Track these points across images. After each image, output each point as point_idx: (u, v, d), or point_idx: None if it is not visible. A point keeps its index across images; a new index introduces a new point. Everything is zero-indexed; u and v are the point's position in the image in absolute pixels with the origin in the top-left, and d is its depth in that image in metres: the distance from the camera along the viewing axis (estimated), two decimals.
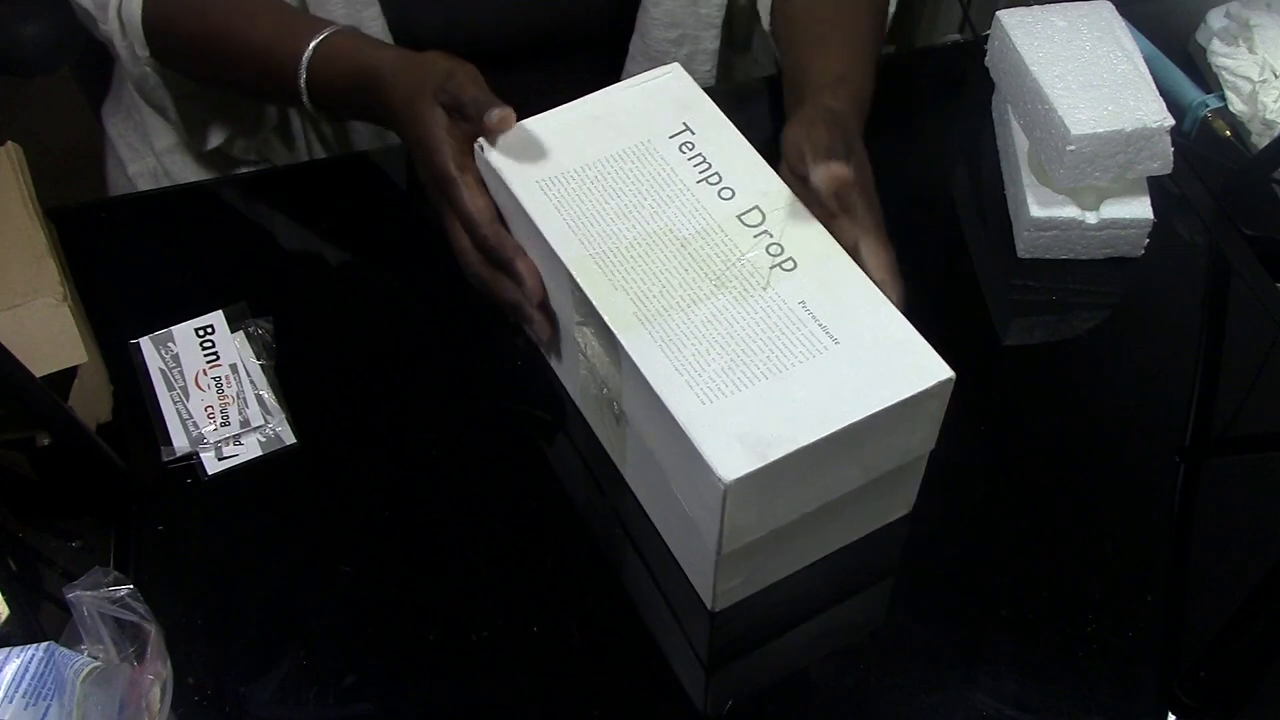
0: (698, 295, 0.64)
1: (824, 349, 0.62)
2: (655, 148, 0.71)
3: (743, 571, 0.66)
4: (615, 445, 0.72)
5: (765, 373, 0.61)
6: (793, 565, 0.69)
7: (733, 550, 0.63)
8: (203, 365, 0.78)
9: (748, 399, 0.60)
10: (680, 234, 0.67)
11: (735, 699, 0.65)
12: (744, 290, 0.64)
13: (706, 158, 0.71)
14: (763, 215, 0.68)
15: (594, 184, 0.70)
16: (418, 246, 0.88)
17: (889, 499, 0.70)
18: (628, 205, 0.68)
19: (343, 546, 0.71)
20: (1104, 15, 0.88)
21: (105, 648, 0.61)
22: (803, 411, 0.60)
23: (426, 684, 0.66)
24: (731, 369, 0.61)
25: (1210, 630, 0.68)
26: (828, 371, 0.61)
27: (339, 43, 0.78)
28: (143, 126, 0.97)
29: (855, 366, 0.61)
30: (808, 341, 0.62)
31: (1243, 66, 0.97)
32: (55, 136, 1.78)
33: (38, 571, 0.71)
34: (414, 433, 0.76)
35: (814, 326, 0.63)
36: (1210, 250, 0.88)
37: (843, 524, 0.69)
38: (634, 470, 0.71)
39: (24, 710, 0.56)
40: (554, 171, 0.70)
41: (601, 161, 0.71)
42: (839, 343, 0.62)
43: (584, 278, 0.65)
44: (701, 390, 0.60)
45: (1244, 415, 0.79)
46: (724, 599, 0.67)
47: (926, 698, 0.65)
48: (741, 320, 0.63)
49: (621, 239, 0.67)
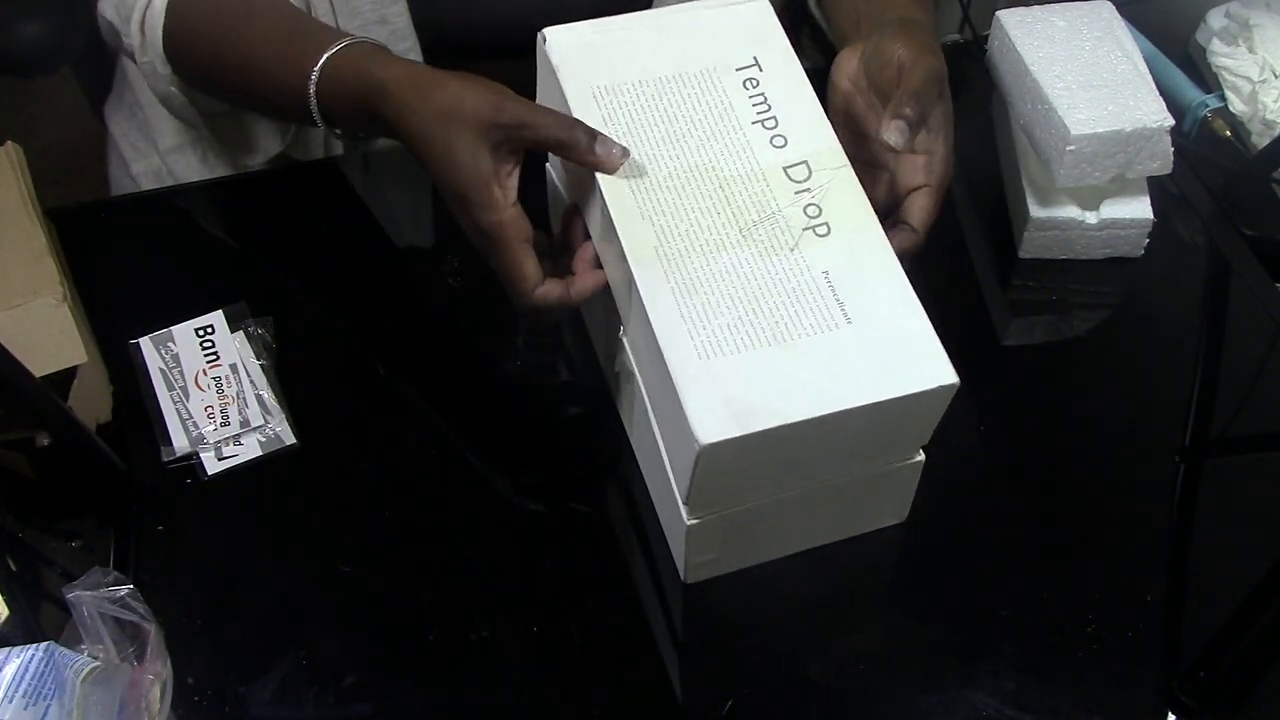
0: (723, 242, 0.63)
1: (834, 326, 0.61)
2: (719, 77, 0.69)
3: (715, 546, 0.66)
4: (625, 402, 0.72)
5: (770, 339, 0.60)
6: (773, 552, 0.69)
7: (705, 520, 0.63)
8: (203, 365, 0.78)
9: (745, 362, 0.59)
10: (722, 173, 0.65)
11: (735, 699, 0.65)
12: (770, 247, 0.63)
13: (768, 99, 0.68)
14: (809, 172, 0.66)
15: (648, 103, 0.67)
16: (418, 246, 0.88)
17: (879, 503, 0.70)
18: (676, 132, 0.66)
19: (343, 546, 0.71)
20: (1104, 15, 0.88)
21: (105, 648, 0.61)
22: (797, 387, 0.59)
23: (426, 684, 0.66)
24: (736, 327, 0.60)
25: (1210, 630, 0.67)
26: (832, 351, 0.60)
27: (343, 62, 0.73)
28: (146, 126, 0.97)
29: (861, 351, 0.60)
30: (820, 315, 0.61)
31: (1243, 66, 0.97)
32: (55, 136, 1.78)
33: (38, 571, 0.71)
34: (414, 433, 0.76)
35: (830, 300, 0.62)
36: (1210, 250, 0.88)
37: (826, 519, 0.69)
38: (636, 431, 0.71)
39: (24, 710, 0.56)
40: (611, 80, 0.68)
41: (661, 80, 0.68)
42: (851, 323, 0.61)
43: (614, 200, 0.64)
44: (701, 343, 0.60)
45: (1244, 415, 0.79)
46: (696, 572, 0.67)
47: (926, 698, 0.65)
48: (760, 278, 0.62)
49: (662, 166, 0.65)
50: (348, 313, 0.83)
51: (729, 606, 0.69)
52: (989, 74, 0.92)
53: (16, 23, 0.96)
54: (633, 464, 0.73)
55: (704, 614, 0.69)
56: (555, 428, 0.78)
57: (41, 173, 0.82)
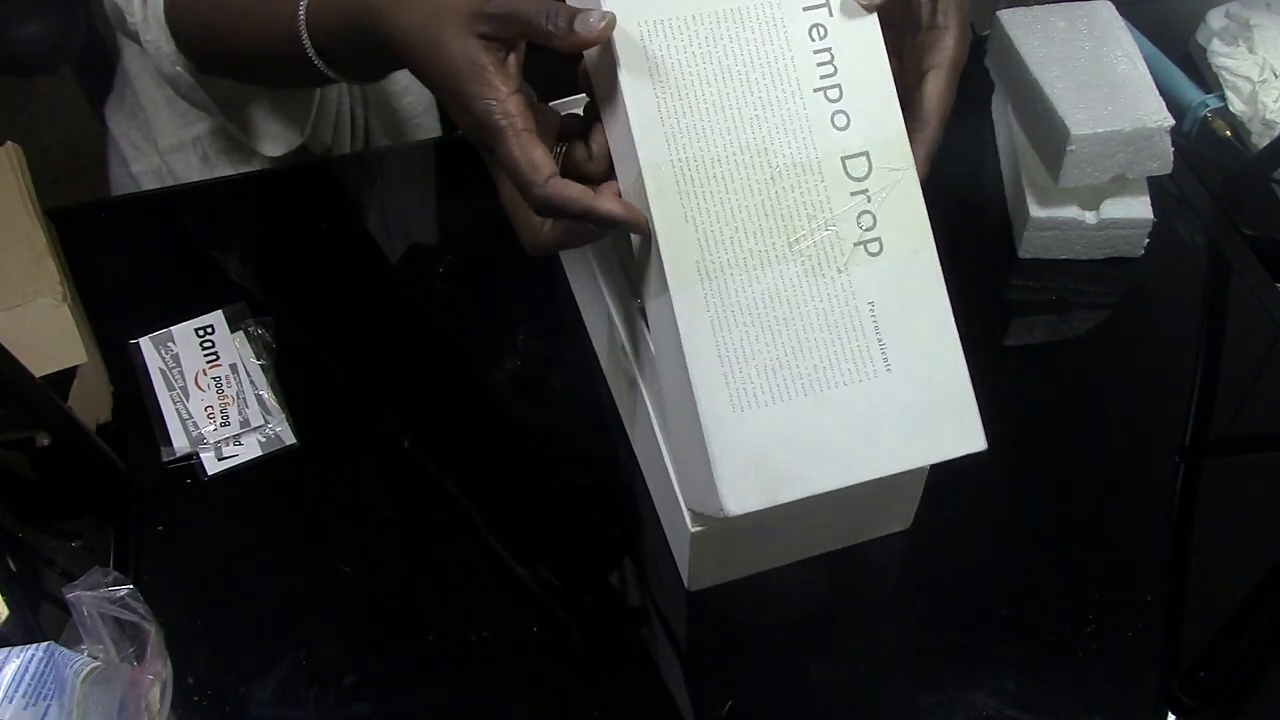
0: (769, 256, 0.59)
1: (873, 375, 0.59)
2: (783, 19, 0.60)
3: (719, 554, 0.66)
4: (627, 408, 0.72)
5: (805, 388, 0.58)
6: (777, 559, 0.69)
7: (710, 529, 0.63)
8: (203, 365, 0.78)
9: (778, 416, 0.58)
10: (776, 159, 0.60)
11: (735, 699, 0.65)
12: (818, 265, 0.59)
13: (834, 56, 0.61)
14: (869, 167, 0.60)
15: (701, 49, 0.60)
16: (418, 246, 0.88)
17: (884, 511, 0.70)
18: (730, 95, 0.60)
19: (343, 546, 0.71)
20: (1104, 15, 0.88)
21: (105, 648, 0.61)
22: (829, 451, 0.58)
23: (426, 684, 0.66)
24: (774, 371, 0.58)
25: (1210, 630, 0.67)
26: (869, 404, 0.58)
27: None
28: (146, 125, 0.97)
29: (896, 408, 0.58)
30: (859, 360, 0.59)
31: (1243, 66, 0.97)
32: (55, 136, 1.78)
33: (38, 571, 0.71)
34: (414, 433, 0.76)
35: (872, 340, 0.59)
36: (1210, 250, 0.88)
37: (832, 527, 0.69)
38: (640, 438, 0.71)
39: (24, 710, 0.56)
40: (664, 14, 0.59)
41: (719, 15, 0.60)
42: (890, 370, 0.59)
43: (657, 196, 0.58)
44: (737, 392, 0.57)
45: (1244, 415, 0.79)
46: (700, 580, 0.67)
47: (926, 698, 0.65)
48: (803, 306, 0.59)
49: (711, 143, 0.59)
50: (348, 313, 0.83)
51: (729, 607, 0.69)
52: (989, 74, 0.93)
53: (16, 23, 0.97)
54: (633, 461, 0.73)
55: (704, 614, 0.69)
56: (556, 427, 0.78)
57: (41, 173, 0.82)
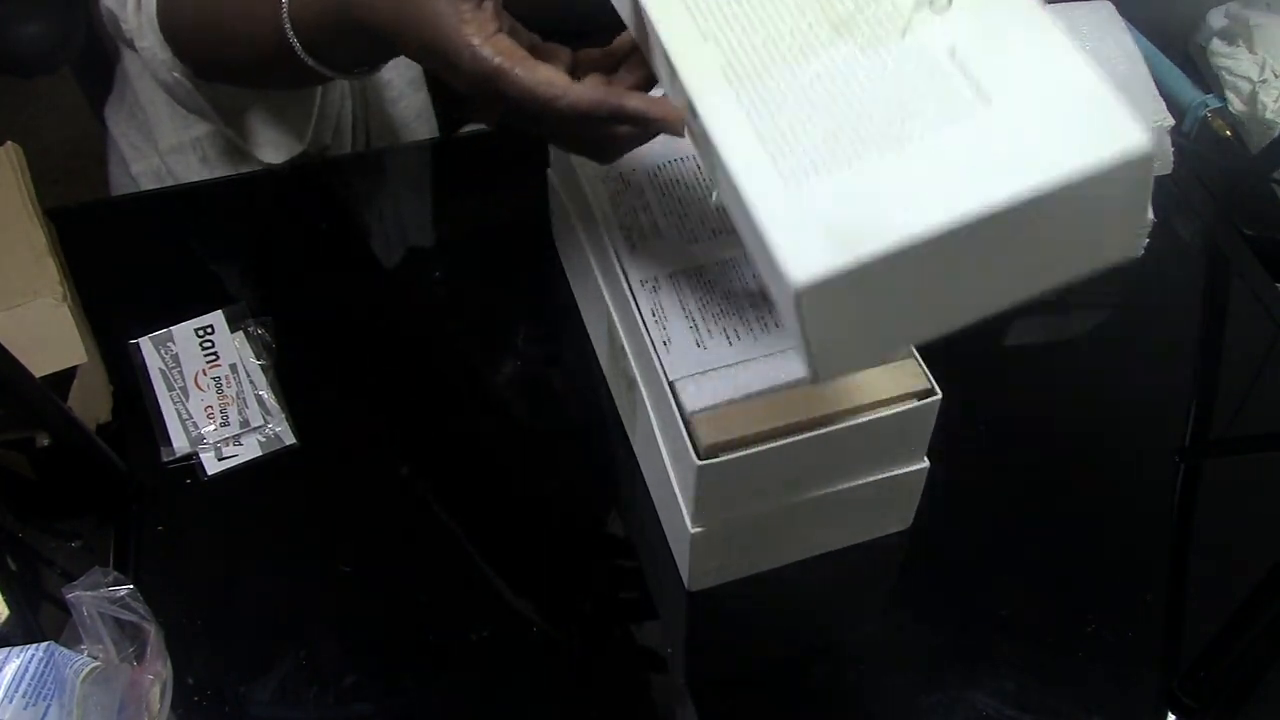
0: (810, 45, 0.50)
1: (968, 114, 0.46)
2: None
3: (719, 554, 0.66)
4: (627, 409, 0.71)
5: (879, 145, 0.46)
6: (777, 559, 0.69)
7: (709, 529, 0.62)
8: (202, 365, 0.78)
9: (848, 178, 0.46)
10: None
11: (735, 699, 0.65)
12: (874, 37, 0.49)
13: None
14: None
15: None
16: (418, 246, 0.88)
17: (883, 510, 0.69)
18: None
19: (343, 546, 0.71)
20: (1104, 15, 0.88)
21: (105, 648, 0.61)
22: (923, 192, 0.45)
23: (426, 684, 0.66)
24: (835, 138, 0.47)
25: (1210, 630, 0.67)
26: (970, 143, 0.45)
27: None
28: (146, 126, 0.97)
29: (1008, 135, 0.45)
30: (947, 103, 0.47)
31: (1243, 66, 0.97)
32: (55, 136, 1.78)
33: (38, 571, 0.71)
34: (414, 433, 0.76)
35: (959, 81, 0.47)
36: (1210, 250, 0.88)
37: (831, 527, 0.69)
38: (640, 438, 0.70)
39: (24, 710, 0.56)
40: None
41: None
42: (990, 103, 0.46)
43: (664, 23, 0.52)
44: (789, 165, 0.47)
45: (1244, 415, 0.79)
46: (700, 580, 0.67)
47: (926, 698, 0.65)
48: (863, 76, 0.48)
49: None
50: (348, 313, 0.83)
51: (729, 607, 0.69)
52: None
53: (16, 23, 0.97)
54: (633, 462, 0.73)
55: (704, 614, 0.69)
56: (556, 427, 0.78)
57: (41, 173, 0.82)
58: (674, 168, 0.71)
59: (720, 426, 0.60)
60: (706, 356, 0.63)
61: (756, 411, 0.60)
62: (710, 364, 0.62)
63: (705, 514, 0.63)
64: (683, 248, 0.67)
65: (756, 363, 0.63)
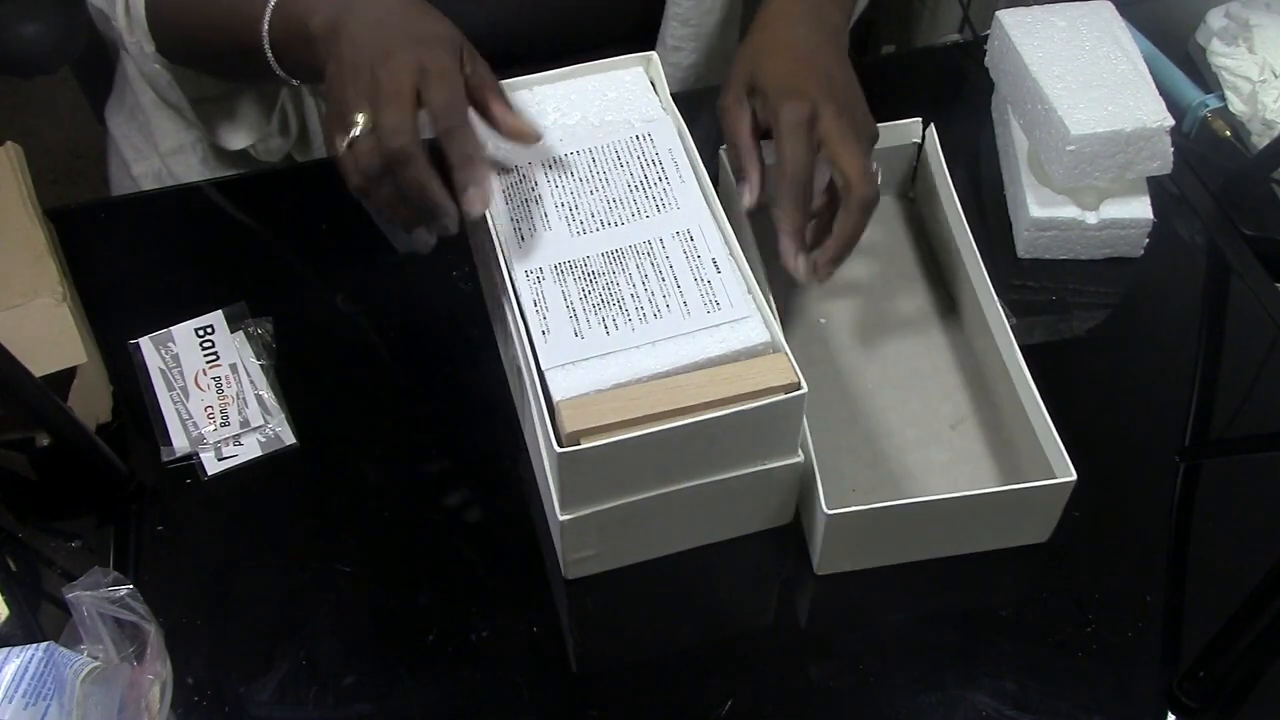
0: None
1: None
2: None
3: (592, 542, 0.66)
4: (518, 397, 0.73)
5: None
6: (657, 550, 0.69)
7: (579, 516, 0.63)
8: (202, 365, 0.78)
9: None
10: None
11: (735, 699, 0.65)
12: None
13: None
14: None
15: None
16: None
17: (762, 505, 0.69)
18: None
19: (343, 546, 0.71)
20: (1104, 15, 0.88)
21: (105, 648, 0.61)
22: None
23: (426, 684, 0.66)
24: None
25: (1210, 630, 0.67)
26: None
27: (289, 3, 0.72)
28: (147, 127, 0.97)
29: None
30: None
31: (1243, 66, 0.97)
32: (55, 136, 1.78)
33: (38, 571, 0.71)
34: (413, 433, 0.76)
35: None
36: (1210, 250, 0.88)
37: (709, 518, 0.68)
38: (528, 428, 0.72)
39: (24, 710, 0.56)
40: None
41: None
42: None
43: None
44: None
45: (1244, 415, 0.79)
46: (575, 568, 0.68)
47: (926, 698, 0.65)
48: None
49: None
50: (348, 313, 0.83)
51: (729, 607, 0.69)
52: (989, 74, 0.92)
53: (16, 23, 0.96)
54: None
55: (704, 614, 0.69)
56: None
57: (41, 173, 0.83)
58: (568, 161, 0.71)
59: (582, 415, 0.60)
60: (581, 346, 0.63)
61: (621, 401, 0.61)
62: (584, 354, 0.63)
63: (573, 501, 0.63)
64: (570, 240, 0.68)
65: (629, 353, 0.63)
